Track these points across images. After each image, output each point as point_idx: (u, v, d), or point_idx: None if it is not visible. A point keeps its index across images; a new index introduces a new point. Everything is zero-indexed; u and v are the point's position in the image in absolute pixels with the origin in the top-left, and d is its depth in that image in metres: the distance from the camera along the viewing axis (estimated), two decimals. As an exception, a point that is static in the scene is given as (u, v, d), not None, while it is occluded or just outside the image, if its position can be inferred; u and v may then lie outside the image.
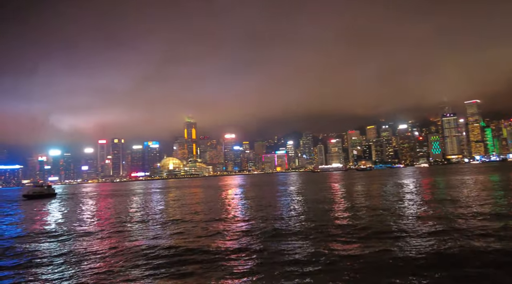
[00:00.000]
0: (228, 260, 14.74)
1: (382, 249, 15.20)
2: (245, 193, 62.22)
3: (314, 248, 15.84)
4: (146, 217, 31.60)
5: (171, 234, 21.79)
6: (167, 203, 49.42)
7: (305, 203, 36.68)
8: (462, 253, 14.24)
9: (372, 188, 58.13)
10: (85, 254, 17.61)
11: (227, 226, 23.44)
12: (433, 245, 15.60)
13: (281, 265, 13.59)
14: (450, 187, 49.79)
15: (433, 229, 18.92)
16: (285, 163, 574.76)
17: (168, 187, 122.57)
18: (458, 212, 24.64)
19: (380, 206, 30.28)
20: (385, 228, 20.02)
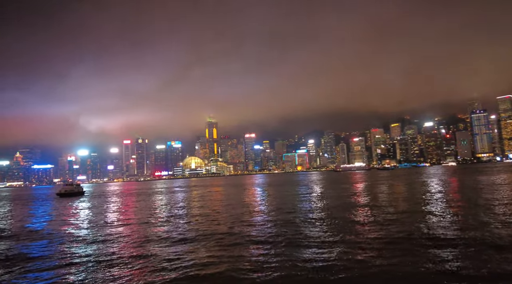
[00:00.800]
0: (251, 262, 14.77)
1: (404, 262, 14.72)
2: (265, 194, 62.20)
3: (337, 260, 15.59)
4: (169, 216, 32.27)
5: (193, 234, 22.12)
6: (189, 202, 50.24)
7: (326, 208, 36.20)
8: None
9: (397, 190, 56.52)
10: (114, 254, 18.21)
11: (250, 229, 23.51)
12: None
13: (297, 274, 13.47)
14: (476, 188, 47.60)
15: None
16: (306, 162, 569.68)
17: (190, 186, 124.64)
18: (484, 218, 23.52)
19: (405, 211, 29.39)
20: (404, 237, 19.41)
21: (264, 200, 44.95)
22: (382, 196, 42.95)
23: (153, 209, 38.67)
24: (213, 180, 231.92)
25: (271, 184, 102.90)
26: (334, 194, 49.25)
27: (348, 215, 26.71)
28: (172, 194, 73.55)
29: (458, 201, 33.13)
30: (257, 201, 44.46)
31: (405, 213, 26.01)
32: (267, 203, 40.31)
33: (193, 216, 31.34)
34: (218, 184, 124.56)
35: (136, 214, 35.71)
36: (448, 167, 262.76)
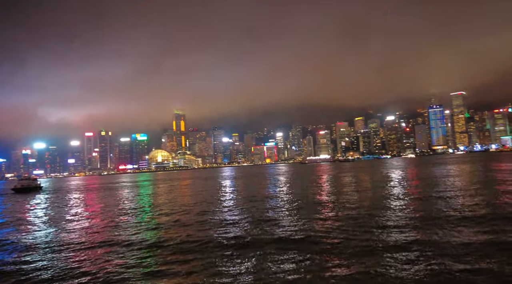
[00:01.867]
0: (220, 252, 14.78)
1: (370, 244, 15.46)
2: (234, 185, 62.34)
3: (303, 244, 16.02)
4: (133, 210, 31.37)
5: (159, 227, 21.69)
6: (155, 196, 49.14)
7: (292, 197, 37.02)
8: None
9: (356, 180, 58.98)
10: (76, 249, 17.42)
11: (217, 218, 23.47)
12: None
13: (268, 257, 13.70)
14: (433, 177, 51.00)
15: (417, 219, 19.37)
16: (274, 154, 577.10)
17: (157, 179, 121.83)
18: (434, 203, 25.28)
19: (361, 201, 30.80)
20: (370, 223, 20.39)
21: (235, 192, 45.02)
22: (343, 186, 44.70)
23: (117, 206, 37.38)
24: (181, 173, 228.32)
25: (240, 176, 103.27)
26: (299, 184, 50.47)
27: (314, 206, 27.49)
28: (137, 188, 71.47)
29: (412, 189, 35.37)
30: (228, 193, 44.45)
31: (359, 198, 27.31)
32: (237, 195, 40.42)
33: (160, 212, 30.74)
34: (186, 177, 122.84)
35: (98, 212, 34.37)
36: (408, 159, 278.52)
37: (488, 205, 22.18)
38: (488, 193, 28.51)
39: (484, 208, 21.38)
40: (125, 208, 33.01)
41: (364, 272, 11.13)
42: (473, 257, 12.03)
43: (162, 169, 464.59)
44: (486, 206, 21.87)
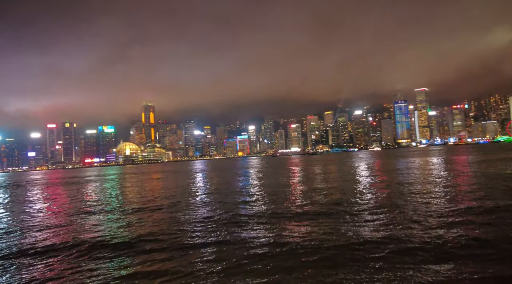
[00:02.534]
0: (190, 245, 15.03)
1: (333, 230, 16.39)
2: (206, 179, 62.26)
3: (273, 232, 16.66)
4: (101, 205, 30.69)
5: (128, 224, 21.53)
6: (124, 190, 48.10)
7: (262, 187, 37.83)
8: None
9: (321, 171, 61.02)
10: (34, 249, 16.91)
11: (187, 213, 23.63)
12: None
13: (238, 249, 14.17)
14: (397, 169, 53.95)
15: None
16: (247, 147, 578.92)
17: (125, 173, 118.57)
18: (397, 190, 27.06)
19: (330, 188, 32.18)
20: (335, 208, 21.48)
21: (207, 186, 45.09)
22: (310, 179, 46.23)
23: (83, 202, 36.31)
24: (150, 167, 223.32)
25: (213, 169, 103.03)
26: (268, 176, 51.51)
27: (286, 196, 28.37)
28: (105, 182, 69.37)
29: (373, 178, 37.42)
30: (200, 187, 44.45)
31: (321, 189, 28.63)
32: (210, 189, 40.56)
33: (129, 207, 30.30)
34: (156, 171, 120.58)
35: (61, 209, 33.26)
36: (374, 152, 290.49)
37: (441, 194, 24.08)
38: (440, 182, 30.80)
39: (436, 197, 23.20)
40: (92, 204, 32.19)
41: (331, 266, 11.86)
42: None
43: (131, 163, 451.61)
44: (438, 195, 23.73)
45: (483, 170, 41.32)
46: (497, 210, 17.47)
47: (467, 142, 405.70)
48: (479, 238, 12.97)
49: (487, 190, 24.55)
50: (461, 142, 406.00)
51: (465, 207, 18.59)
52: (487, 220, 15.67)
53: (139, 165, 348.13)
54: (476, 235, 13.39)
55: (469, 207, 18.66)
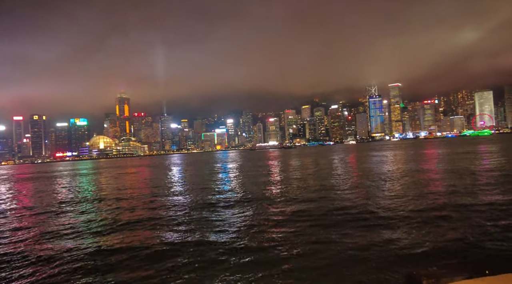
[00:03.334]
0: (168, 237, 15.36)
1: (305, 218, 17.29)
2: (183, 173, 62.11)
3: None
4: (73, 203, 30.22)
5: (103, 223, 21.49)
6: (98, 186, 47.26)
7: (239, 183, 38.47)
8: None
9: (297, 164, 62.49)
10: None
11: (163, 212, 23.85)
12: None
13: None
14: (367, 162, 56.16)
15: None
16: (225, 141, 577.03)
17: (99, 167, 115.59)
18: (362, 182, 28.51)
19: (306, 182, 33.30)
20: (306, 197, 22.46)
21: (184, 181, 45.12)
22: (285, 171, 47.39)
23: (54, 199, 35.51)
24: (125, 161, 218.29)
25: (190, 163, 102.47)
26: (245, 169, 52.23)
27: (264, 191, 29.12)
28: (77, 177, 67.58)
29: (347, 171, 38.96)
30: (176, 182, 44.42)
31: (300, 182, 29.67)
32: (187, 184, 40.67)
33: (104, 204, 30.04)
34: (131, 165, 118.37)
35: (30, 206, 32.47)
36: (349, 145, 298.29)
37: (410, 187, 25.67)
38: (409, 175, 32.66)
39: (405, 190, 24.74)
40: (64, 201, 31.60)
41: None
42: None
43: (105, 157, 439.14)
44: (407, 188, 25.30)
45: (448, 162, 43.97)
46: (464, 207, 18.98)
47: (436, 136, 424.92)
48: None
49: (450, 179, 26.42)
50: (431, 136, 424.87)
51: (427, 198, 20.06)
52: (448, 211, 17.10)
53: (113, 159, 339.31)
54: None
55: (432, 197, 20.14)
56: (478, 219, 14.03)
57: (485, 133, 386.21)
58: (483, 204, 17.03)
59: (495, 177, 26.64)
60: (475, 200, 18.02)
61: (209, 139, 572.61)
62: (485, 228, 12.62)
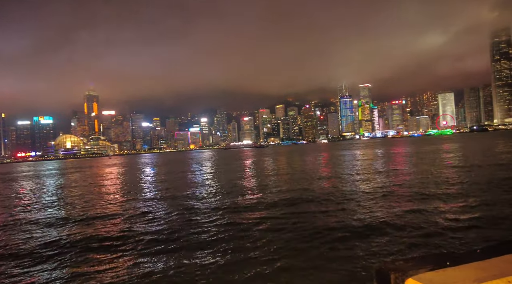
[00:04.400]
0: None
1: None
2: (156, 173, 61.05)
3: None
4: (38, 206, 28.98)
5: (71, 226, 20.86)
6: (65, 187, 45.42)
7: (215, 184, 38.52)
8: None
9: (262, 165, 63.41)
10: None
11: (138, 214, 23.50)
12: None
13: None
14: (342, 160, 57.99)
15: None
16: (199, 140, 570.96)
17: (66, 168, 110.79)
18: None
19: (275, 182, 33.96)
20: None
21: (156, 181, 44.42)
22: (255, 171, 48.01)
23: (15, 202, 33.86)
24: (94, 161, 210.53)
25: (162, 163, 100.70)
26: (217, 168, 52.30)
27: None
28: (42, 179, 64.48)
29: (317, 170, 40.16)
30: (149, 183, 43.67)
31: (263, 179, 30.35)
32: (159, 185, 40.12)
33: (71, 207, 29.09)
34: (100, 165, 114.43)
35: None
36: (321, 144, 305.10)
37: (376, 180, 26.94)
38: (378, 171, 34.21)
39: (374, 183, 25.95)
40: (28, 203, 30.24)
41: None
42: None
43: (73, 156, 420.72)
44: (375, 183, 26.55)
45: (413, 157, 46.40)
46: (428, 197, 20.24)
47: (403, 135, 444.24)
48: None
49: (416, 174, 28.01)
50: (398, 135, 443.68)
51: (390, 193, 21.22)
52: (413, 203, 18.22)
53: (82, 159, 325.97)
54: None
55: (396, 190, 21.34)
56: (439, 213, 15.10)
57: (447, 132, 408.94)
58: (445, 199, 18.30)
59: (456, 173, 28.56)
60: (438, 196, 19.32)
61: (183, 138, 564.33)
62: (446, 222, 13.64)
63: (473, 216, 14.34)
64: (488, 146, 72.77)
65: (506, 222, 13.11)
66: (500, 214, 14.28)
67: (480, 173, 28.08)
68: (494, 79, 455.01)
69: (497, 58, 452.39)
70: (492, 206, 15.73)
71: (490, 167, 31.84)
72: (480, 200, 17.39)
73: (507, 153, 48.37)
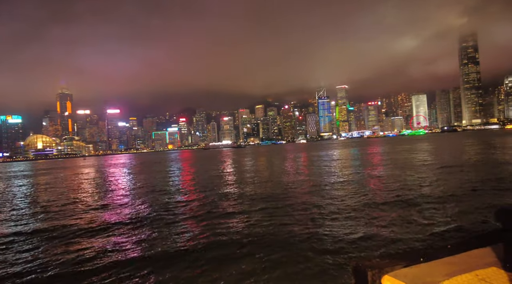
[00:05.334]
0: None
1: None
2: (132, 174, 59.86)
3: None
4: (4, 211, 27.81)
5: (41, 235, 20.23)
6: (35, 191, 43.73)
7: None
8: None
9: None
10: None
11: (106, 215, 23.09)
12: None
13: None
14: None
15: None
16: (177, 140, 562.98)
17: (36, 169, 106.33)
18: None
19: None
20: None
21: (134, 183, 43.62)
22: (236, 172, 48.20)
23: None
24: (68, 162, 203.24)
25: (139, 164, 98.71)
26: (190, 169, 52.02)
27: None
28: (9, 181, 61.68)
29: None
30: (125, 185, 42.81)
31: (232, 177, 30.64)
32: (137, 186, 39.46)
33: (43, 212, 28.17)
34: (74, 166, 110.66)
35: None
36: (300, 144, 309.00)
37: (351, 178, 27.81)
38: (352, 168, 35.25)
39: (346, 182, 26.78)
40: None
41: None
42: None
43: (44, 157, 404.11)
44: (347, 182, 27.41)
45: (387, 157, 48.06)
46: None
47: (379, 135, 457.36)
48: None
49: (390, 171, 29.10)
50: (374, 135, 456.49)
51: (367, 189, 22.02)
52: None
53: (54, 160, 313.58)
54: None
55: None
56: (411, 210, 15.83)
57: (420, 132, 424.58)
58: (417, 196, 19.17)
59: (428, 170, 29.93)
60: (410, 192, 20.23)
61: (160, 138, 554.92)
62: (419, 219, 14.34)
63: (443, 212, 15.18)
64: (456, 146, 76.36)
65: (474, 217, 13.95)
66: (469, 209, 15.21)
67: (449, 171, 29.57)
68: (463, 82, 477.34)
69: (465, 62, 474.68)
70: (460, 203, 16.69)
71: (458, 166, 33.54)
72: (450, 197, 18.39)
73: (474, 155, 51.02)
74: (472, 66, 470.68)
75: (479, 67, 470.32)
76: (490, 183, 21.26)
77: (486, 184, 20.97)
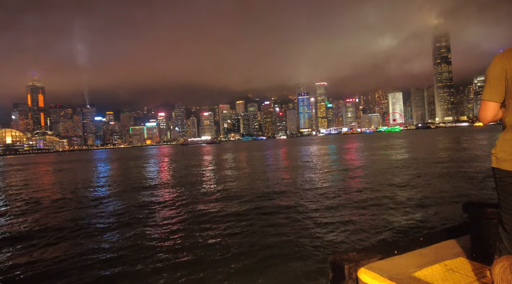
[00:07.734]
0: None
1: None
2: (109, 170, 58.40)
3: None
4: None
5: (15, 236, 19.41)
6: (4, 188, 41.78)
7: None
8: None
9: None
10: None
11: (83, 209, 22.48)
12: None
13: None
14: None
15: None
16: (156, 135, 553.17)
17: (5, 165, 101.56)
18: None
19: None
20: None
21: (112, 179, 42.55)
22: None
23: None
24: (40, 157, 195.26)
25: (115, 159, 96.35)
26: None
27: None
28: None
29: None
30: (102, 181, 41.71)
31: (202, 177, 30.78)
32: (114, 183, 38.53)
33: (14, 210, 27.09)
34: (47, 162, 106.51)
35: None
36: (280, 140, 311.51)
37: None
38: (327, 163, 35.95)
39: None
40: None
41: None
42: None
43: (14, 153, 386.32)
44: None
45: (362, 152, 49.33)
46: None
47: (356, 131, 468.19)
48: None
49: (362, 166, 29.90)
50: (352, 132, 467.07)
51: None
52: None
53: (25, 156, 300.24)
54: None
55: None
56: (385, 205, 16.37)
57: (396, 129, 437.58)
58: (390, 189, 19.84)
59: (401, 166, 30.98)
60: (383, 186, 20.91)
61: (138, 133, 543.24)
62: (392, 212, 14.86)
63: (415, 205, 15.82)
64: (428, 142, 79.44)
65: (443, 211, 14.64)
66: (440, 202, 15.95)
67: (422, 165, 30.77)
68: (436, 81, 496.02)
69: (438, 62, 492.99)
70: (432, 197, 17.44)
71: (430, 160, 34.93)
72: (422, 190, 19.19)
73: (443, 150, 53.21)
74: (444, 66, 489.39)
75: (451, 66, 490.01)
76: (459, 178, 22.34)
77: (455, 179, 22.02)
